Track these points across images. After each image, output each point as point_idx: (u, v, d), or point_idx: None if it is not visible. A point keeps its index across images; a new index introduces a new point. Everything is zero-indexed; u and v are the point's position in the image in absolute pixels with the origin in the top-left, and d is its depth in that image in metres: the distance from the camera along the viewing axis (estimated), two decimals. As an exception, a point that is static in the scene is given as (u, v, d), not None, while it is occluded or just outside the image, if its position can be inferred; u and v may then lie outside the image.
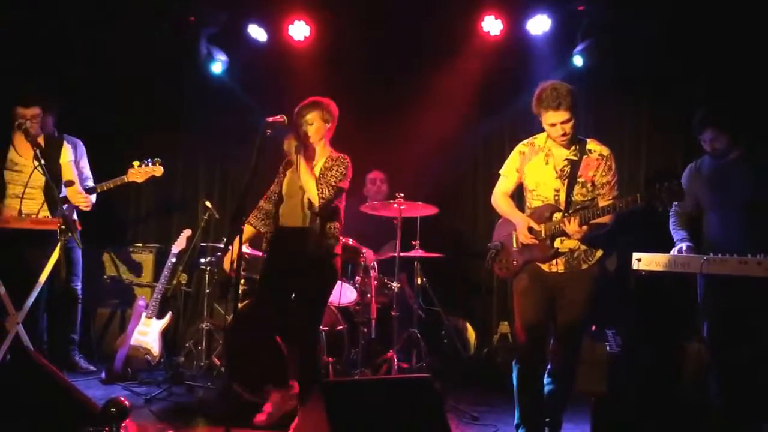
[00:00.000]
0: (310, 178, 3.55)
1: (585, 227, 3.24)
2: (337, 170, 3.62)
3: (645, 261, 3.87)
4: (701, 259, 3.68)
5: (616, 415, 3.71)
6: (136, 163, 4.70)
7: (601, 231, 3.35)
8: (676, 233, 4.03)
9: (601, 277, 3.40)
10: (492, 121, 5.69)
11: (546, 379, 3.46)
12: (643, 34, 5.00)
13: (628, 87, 5.29)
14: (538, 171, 3.42)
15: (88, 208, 4.62)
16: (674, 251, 3.90)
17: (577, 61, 5.24)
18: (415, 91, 5.60)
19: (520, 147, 3.55)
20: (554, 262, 3.36)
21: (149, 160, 4.71)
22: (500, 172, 3.62)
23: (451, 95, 5.52)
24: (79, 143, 5.06)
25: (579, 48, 5.19)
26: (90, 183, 4.98)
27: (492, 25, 5.39)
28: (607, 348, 4.54)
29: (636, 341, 4.39)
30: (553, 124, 3.28)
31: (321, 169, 3.64)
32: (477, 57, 5.48)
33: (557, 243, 3.34)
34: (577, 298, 3.33)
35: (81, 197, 4.54)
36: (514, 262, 3.47)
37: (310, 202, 3.58)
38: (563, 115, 3.24)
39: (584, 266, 3.36)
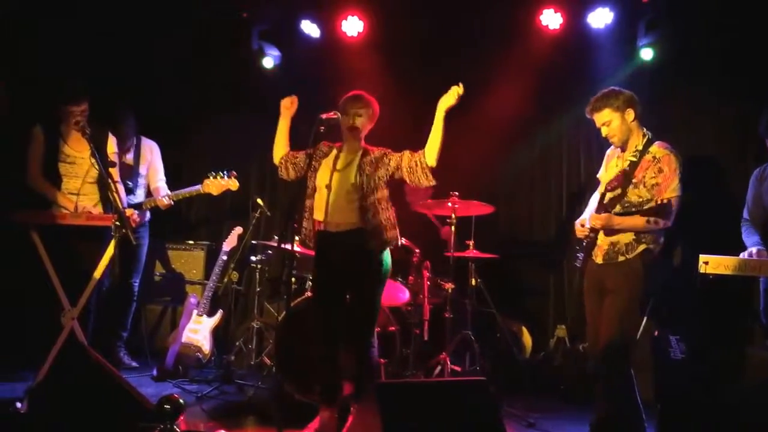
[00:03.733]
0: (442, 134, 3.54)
1: (602, 216, 3.36)
2: (395, 154, 3.63)
3: (713, 264, 3.73)
4: (774, 262, 3.51)
5: (682, 424, 3.57)
6: (211, 175, 4.74)
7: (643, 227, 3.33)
8: (749, 238, 3.91)
9: (644, 271, 3.38)
10: (550, 119, 5.52)
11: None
12: (712, 27, 4.79)
13: (695, 83, 5.06)
14: (610, 172, 3.56)
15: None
16: (744, 255, 3.75)
17: (646, 55, 5.05)
18: (470, 87, 5.44)
19: (608, 151, 3.70)
20: (596, 254, 3.49)
21: (225, 172, 4.74)
22: (597, 176, 3.79)
23: (507, 91, 5.36)
24: (155, 145, 5.15)
25: (643, 42, 5.01)
26: (163, 185, 5.06)
27: (551, 19, 5.23)
28: (671, 354, 4.38)
29: (701, 347, 4.23)
30: (599, 127, 3.49)
31: (360, 162, 3.57)
32: (535, 52, 5.32)
33: (601, 236, 3.46)
34: (613, 288, 3.38)
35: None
36: (581, 256, 3.62)
37: (361, 199, 3.50)
38: (599, 117, 3.44)
39: (621, 258, 3.39)
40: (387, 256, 3.61)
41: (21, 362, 4.31)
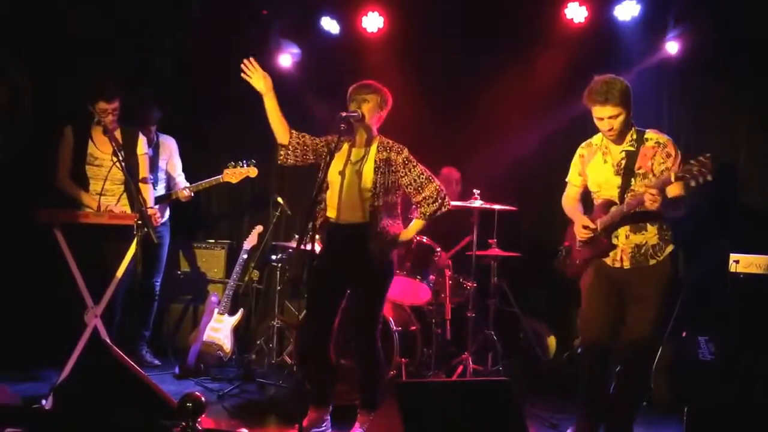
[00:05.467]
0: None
1: (659, 192, 3.04)
2: (415, 169, 3.47)
3: (744, 263, 3.66)
4: (807, 261, 3.41)
5: (710, 428, 3.50)
6: (231, 164, 4.79)
7: (674, 212, 3.22)
8: None
9: (675, 273, 3.31)
10: (575, 115, 5.42)
11: (615, 383, 3.41)
12: (742, 18, 4.68)
13: (727, 77, 4.94)
14: (598, 171, 3.41)
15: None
16: None
17: (671, 48, 4.95)
18: (493, 82, 5.42)
19: (579, 150, 3.56)
20: (619, 257, 3.31)
21: (244, 161, 4.81)
22: (566, 179, 3.65)
23: (531, 87, 5.30)
24: (173, 141, 5.19)
25: (671, 35, 4.92)
26: (182, 179, 5.11)
27: (576, 12, 5.15)
28: (700, 356, 4.29)
29: (731, 349, 4.14)
30: (601, 119, 3.28)
31: (376, 159, 3.47)
32: (559, 46, 5.24)
33: (621, 238, 3.30)
34: (645, 294, 3.25)
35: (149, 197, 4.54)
36: (577, 261, 3.50)
37: (373, 199, 3.44)
38: (610, 110, 3.21)
39: (652, 262, 3.27)
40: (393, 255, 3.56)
41: (45, 360, 4.36)
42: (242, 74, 3.51)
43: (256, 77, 3.51)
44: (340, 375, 3.79)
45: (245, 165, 4.87)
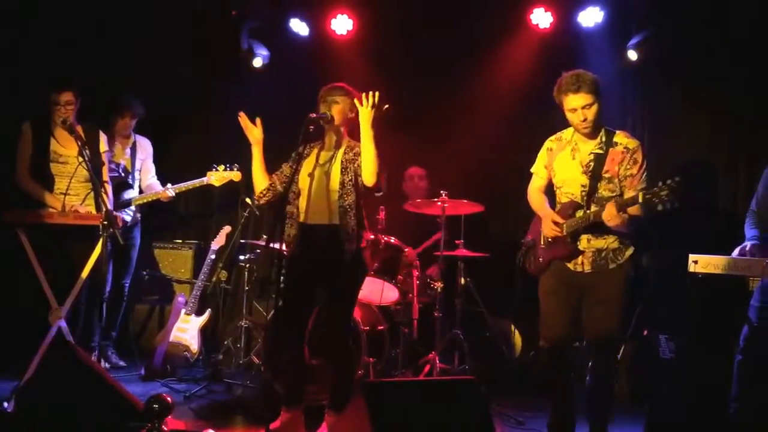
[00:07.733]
0: (373, 150, 3.34)
1: (623, 214, 3.12)
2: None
3: (702, 263, 3.72)
4: (764, 262, 3.48)
5: (670, 424, 3.59)
6: (214, 167, 4.80)
7: (633, 226, 3.26)
8: (749, 231, 3.80)
9: (634, 274, 3.33)
10: (540, 117, 5.49)
11: (587, 384, 3.42)
12: (702, 26, 4.82)
13: (686, 83, 5.08)
14: (565, 166, 3.38)
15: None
16: (736, 252, 3.69)
17: (631, 55, 5.07)
18: (460, 85, 5.49)
19: (547, 143, 3.52)
20: (580, 261, 3.30)
21: (228, 165, 4.79)
22: (531, 170, 3.62)
23: (497, 90, 5.39)
24: (148, 143, 5.16)
25: (633, 41, 5.04)
26: (155, 181, 5.10)
27: (541, 18, 5.27)
28: (660, 354, 4.39)
29: (690, 348, 4.24)
30: (574, 109, 3.21)
31: (342, 159, 3.48)
32: (525, 51, 5.35)
33: (583, 243, 3.29)
34: (606, 297, 3.27)
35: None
36: (540, 259, 3.46)
37: (341, 198, 3.43)
38: (584, 98, 3.17)
39: (612, 266, 3.29)
40: (365, 254, 3.55)
41: (8, 362, 4.28)
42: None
43: (249, 130, 3.58)
44: (309, 375, 3.80)
45: (229, 168, 4.86)
